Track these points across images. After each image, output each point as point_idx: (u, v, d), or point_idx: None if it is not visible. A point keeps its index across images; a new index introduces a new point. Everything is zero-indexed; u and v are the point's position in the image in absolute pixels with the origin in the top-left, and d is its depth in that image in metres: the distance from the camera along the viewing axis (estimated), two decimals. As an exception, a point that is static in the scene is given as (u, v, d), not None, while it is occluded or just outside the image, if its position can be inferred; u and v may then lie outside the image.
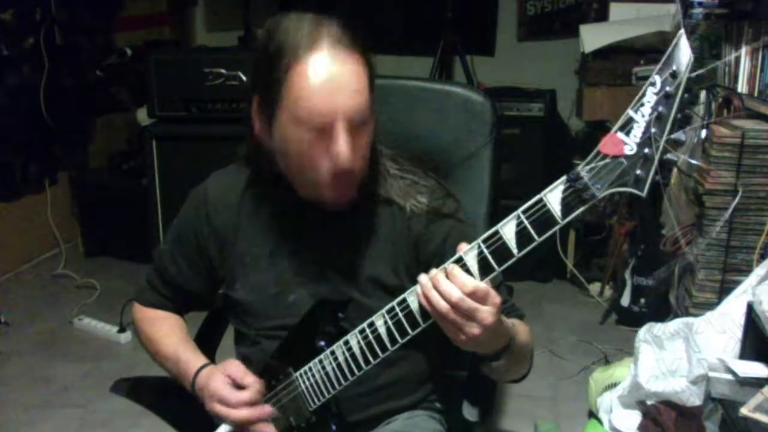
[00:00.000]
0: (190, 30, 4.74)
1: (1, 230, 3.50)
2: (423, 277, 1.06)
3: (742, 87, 2.29)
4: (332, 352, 1.18)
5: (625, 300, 3.08)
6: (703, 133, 2.24)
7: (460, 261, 1.04)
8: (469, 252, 1.03)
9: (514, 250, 1.00)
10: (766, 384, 1.58)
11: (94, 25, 3.96)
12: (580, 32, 3.42)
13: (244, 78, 2.97)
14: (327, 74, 1.10)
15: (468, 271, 1.03)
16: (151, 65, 3.08)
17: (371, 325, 1.13)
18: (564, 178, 0.97)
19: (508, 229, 1.00)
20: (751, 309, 1.77)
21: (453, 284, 1.02)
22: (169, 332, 1.41)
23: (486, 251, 1.01)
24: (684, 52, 0.91)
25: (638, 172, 0.93)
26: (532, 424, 2.40)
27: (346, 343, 1.16)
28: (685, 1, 2.49)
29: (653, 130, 0.91)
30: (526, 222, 0.98)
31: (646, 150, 0.92)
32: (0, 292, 3.40)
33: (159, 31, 4.51)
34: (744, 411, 1.50)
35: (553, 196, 0.97)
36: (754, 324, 1.75)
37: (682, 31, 0.92)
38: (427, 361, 1.35)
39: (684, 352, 1.97)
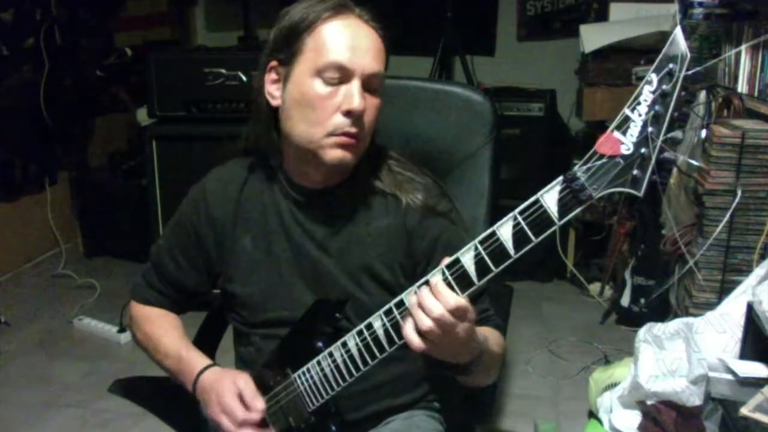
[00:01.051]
0: (190, 30, 4.74)
1: (1, 230, 3.50)
2: (411, 298, 1.07)
3: (742, 87, 2.28)
4: (330, 354, 1.18)
5: (625, 300, 3.07)
6: (703, 133, 2.24)
7: (457, 262, 1.03)
8: (466, 253, 1.03)
9: (511, 251, 0.99)
10: (766, 384, 1.58)
11: (94, 25, 3.95)
12: (580, 32, 3.42)
13: (244, 78, 2.96)
14: (352, 33, 1.19)
15: (465, 273, 1.03)
16: (151, 65, 3.08)
17: (369, 326, 1.13)
18: (560, 178, 0.96)
19: (504, 230, 0.99)
20: (751, 309, 1.77)
21: (437, 301, 1.03)
22: (169, 329, 1.42)
23: (483, 252, 1.01)
24: (680, 50, 0.90)
25: (635, 171, 0.92)
26: (532, 424, 2.40)
27: (344, 344, 1.16)
28: (685, 1, 2.49)
29: (650, 129, 0.90)
30: (522, 223, 0.98)
31: (643, 149, 0.91)
32: (0, 292, 3.40)
33: (159, 31, 4.51)
34: (744, 411, 1.50)
35: (550, 197, 0.96)
36: (754, 324, 1.74)
37: (678, 28, 0.91)
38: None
39: (684, 352, 1.97)
